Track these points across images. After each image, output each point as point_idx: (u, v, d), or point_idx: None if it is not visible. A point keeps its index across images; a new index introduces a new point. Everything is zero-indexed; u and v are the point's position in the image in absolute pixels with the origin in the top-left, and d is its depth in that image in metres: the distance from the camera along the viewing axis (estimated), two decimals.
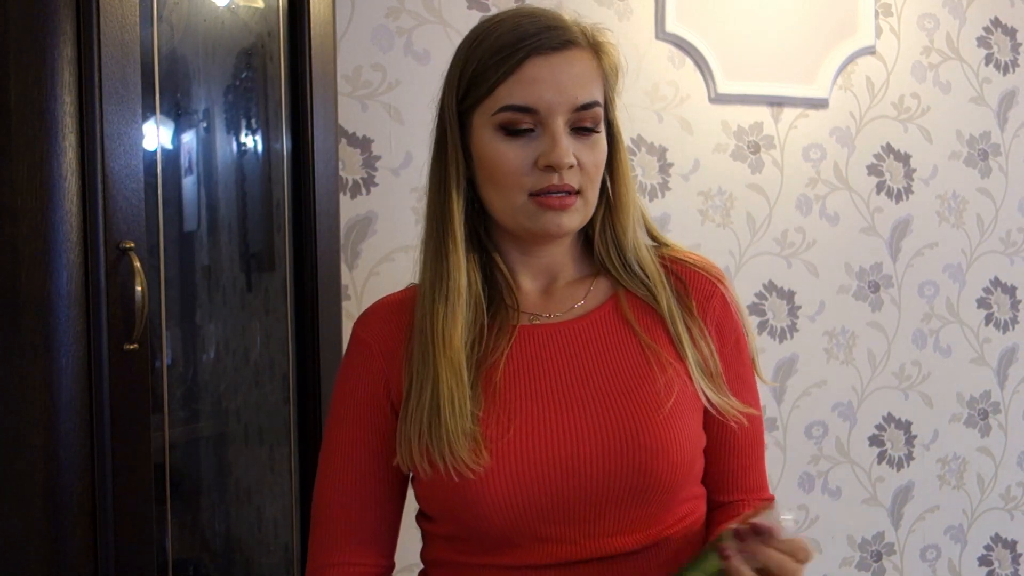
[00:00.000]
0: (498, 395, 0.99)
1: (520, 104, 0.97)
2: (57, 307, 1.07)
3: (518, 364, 1.01)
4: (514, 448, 0.95)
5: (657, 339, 1.03)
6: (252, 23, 1.47)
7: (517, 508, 0.95)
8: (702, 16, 2.07)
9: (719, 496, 1.10)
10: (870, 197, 2.24)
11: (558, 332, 1.04)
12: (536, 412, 0.98)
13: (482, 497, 0.94)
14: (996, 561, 2.41)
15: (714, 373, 1.04)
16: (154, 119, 1.29)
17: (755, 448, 1.10)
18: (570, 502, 0.96)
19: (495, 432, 0.96)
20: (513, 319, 1.04)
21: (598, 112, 1.00)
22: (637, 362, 1.02)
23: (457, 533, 1.00)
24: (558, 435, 0.97)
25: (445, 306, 1.00)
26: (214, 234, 1.48)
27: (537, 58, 0.97)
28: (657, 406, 0.98)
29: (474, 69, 1.00)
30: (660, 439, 0.97)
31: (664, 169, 2.06)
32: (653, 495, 0.97)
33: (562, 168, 0.97)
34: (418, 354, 1.00)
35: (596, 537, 0.97)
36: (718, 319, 1.07)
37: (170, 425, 1.30)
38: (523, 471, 0.95)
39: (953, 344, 2.34)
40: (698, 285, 1.07)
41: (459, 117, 1.02)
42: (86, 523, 1.09)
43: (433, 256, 1.03)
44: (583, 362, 1.02)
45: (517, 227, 1.02)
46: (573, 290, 1.08)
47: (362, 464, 1.04)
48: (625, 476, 0.96)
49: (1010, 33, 2.37)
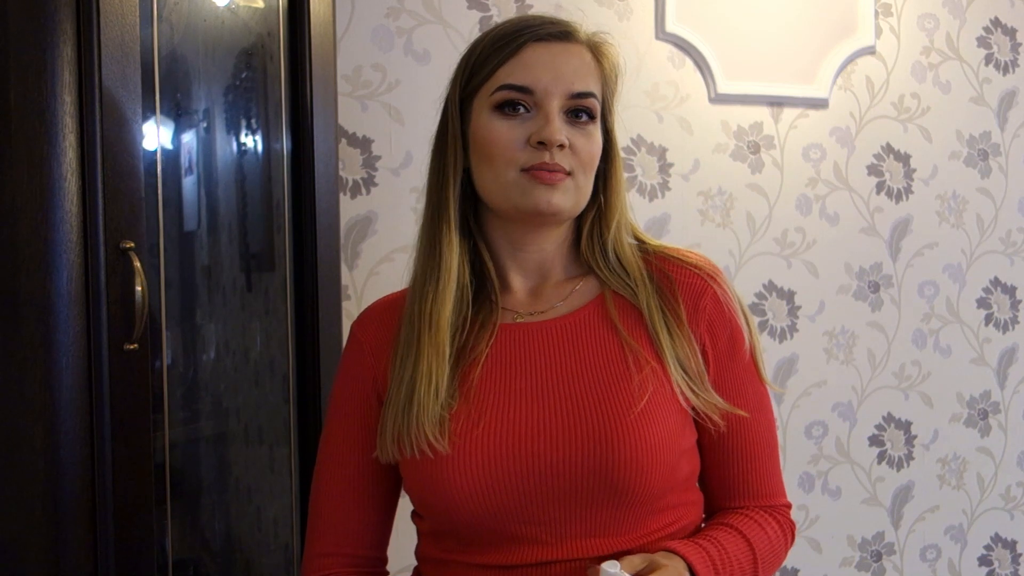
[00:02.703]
0: (472, 392, 1.00)
1: (517, 83, 1.00)
2: (57, 307, 1.07)
3: (496, 362, 1.02)
4: (480, 443, 0.97)
5: (639, 339, 1.03)
6: (252, 23, 1.47)
7: (483, 502, 0.96)
8: (702, 16, 2.07)
9: (723, 502, 1.08)
10: (870, 197, 2.24)
11: (539, 331, 1.04)
12: (506, 409, 0.99)
13: (448, 486, 0.96)
14: (996, 561, 2.41)
15: (694, 372, 1.02)
16: (154, 119, 1.29)
17: (759, 453, 1.07)
18: (538, 502, 0.96)
19: (465, 426, 0.98)
20: (495, 316, 1.05)
21: (594, 103, 1.02)
22: (615, 362, 1.01)
23: (439, 528, 1.02)
24: (525, 433, 0.97)
25: (436, 287, 1.02)
26: (214, 234, 1.48)
27: (537, 44, 1.01)
28: (629, 406, 0.97)
29: (476, 58, 1.03)
30: (629, 440, 0.95)
31: (664, 169, 2.06)
32: (625, 498, 0.96)
33: (553, 144, 0.98)
34: (404, 334, 1.03)
35: (569, 539, 0.97)
36: (709, 317, 1.05)
37: (170, 425, 1.30)
38: (488, 465, 0.96)
39: (953, 344, 2.34)
40: (687, 283, 1.06)
41: (460, 106, 1.04)
42: (86, 523, 1.09)
43: (427, 240, 1.05)
44: (561, 361, 1.02)
45: (509, 206, 1.01)
46: (560, 290, 1.08)
47: (354, 459, 1.07)
48: (591, 477, 0.95)
49: (1010, 33, 2.37)
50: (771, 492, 1.08)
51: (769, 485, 1.08)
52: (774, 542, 1.06)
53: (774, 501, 1.08)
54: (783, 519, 1.08)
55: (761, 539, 1.04)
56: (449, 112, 1.05)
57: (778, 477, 1.10)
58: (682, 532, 1.03)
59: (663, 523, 1.00)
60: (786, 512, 1.09)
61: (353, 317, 1.79)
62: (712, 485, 1.08)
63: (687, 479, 1.04)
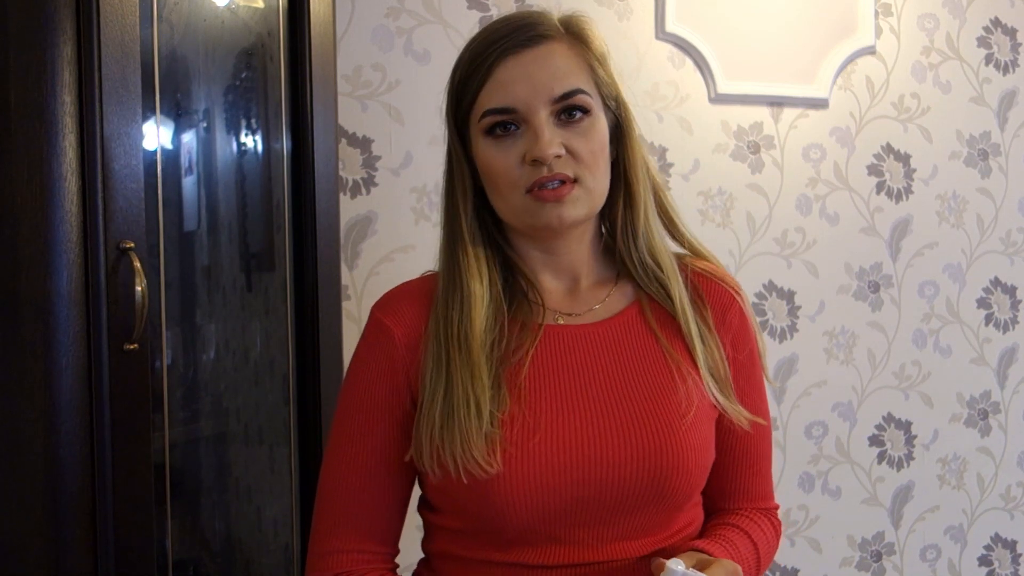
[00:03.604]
0: (523, 395, 0.98)
1: (498, 107, 0.98)
2: (57, 307, 1.07)
3: (543, 364, 1.01)
4: (540, 451, 0.95)
5: (677, 348, 1.04)
6: (252, 23, 1.47)
7: (536, 509, 0.95)
8: (702, 16, 2.07)
9: (720, 503, 1.11)
10: (870, 197, 2.24)
11: (583, 334, 1.04)
12: (562, 416, 0.98)
13: (502, 497, 0.94)
14: (996, 561, 2.41)
15: (723, 379, 1.04)
16: (154, 119, 1.29)
17: (761, 457, 1.11)
18: (587, 506, 0.96)
19: (521, 434, 0.96)
20: (538, 316, 1.03)
21: (583, 98, 0.99)
22: (660, 370, 1.02)
23: (466, 528, 1.00)
24: (582, 440, 0.97)
25: (460, 312, 0.99)
26: (214, 234, 1.48)
27: (507, 59, 0.98)
28: (679, 416, 0.99)
29: (458, 83, 1.02)
30: (681, 449, 0.97)
31: (664, 169, 2.06)
32: (665, 503, 0.98)
33: (547, 160, 0.97)
34: (432, 359, 1.00)
35: (605, 541, 0.98)
36: (735, 331, 1.08)
37: (170, 425, 1.30)
38: (546, 474, 0.95)
39: (953, 344, 2.34)
40: (716, 296, 1.08)
41: (458, 131, 1.03)
42: (86, 523, 1.09)
43: (446, 264, 1.03)
44: (608, 366, 1.02)
45: (523, 226, 1.02)
46: (596, 292, 1.08)
47: (376, 453, 1.02)
48: (643, 484, 0.96)
49: (1010, 33, 2.37)
50: (766, 495, 1.13)
51: (764, 489, 1.13)
52: (771, 543, 1.11)
53: (767, 504, 1.13)
54: (776, 521, 1.14)
55: (763, 540, 1.09)
56: (450, 138, 1.05)
57: (771, 480, 1.15)
58: (695, 532, 1.06)
59: (685, 522, 1.04)
60: (776, 514, 1.14)
61: (353, 317, 1.80)
62: (713, 486, 1.09)
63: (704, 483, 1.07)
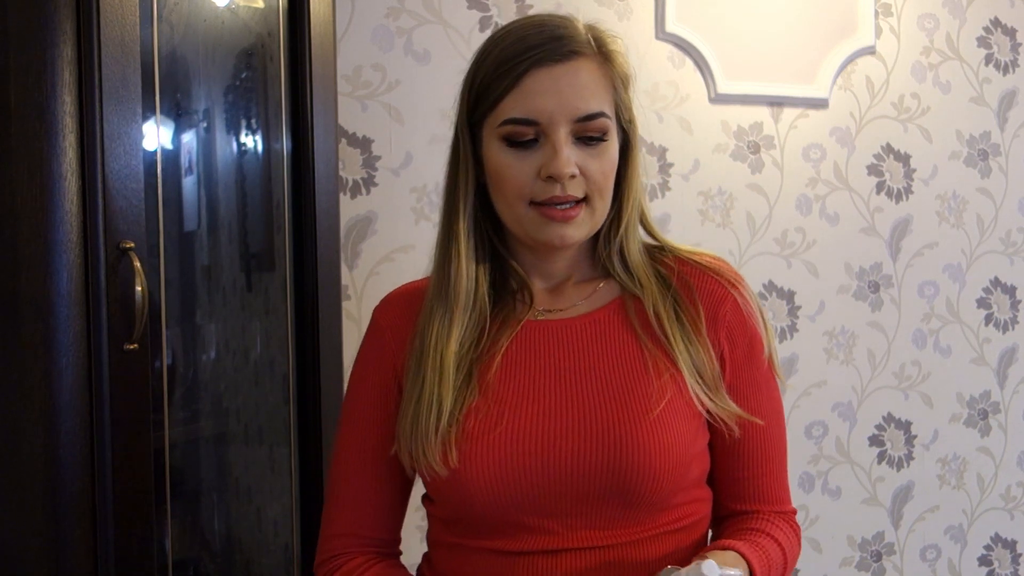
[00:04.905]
0: (491, 388, 1.01)
1: (521, 117, 0.97)
2: (57, 307, 1.07)
3: (516, 357, 1.03)
4: (500, 442, 0.98)
5: (657, 344, 1.03)
6: (252, 23, 1.47)
7: (498, 499, 0.97)
8: (702, 16, 2.06)
9: (733, 504, 1.09)
10: (870, 197, 2.24)
11: (561, 328, 1.05)
12: (524, 407, 1.00)
13: (461, 491, 0.98)
14: (996, 561, 2.41)
15: (710, 378, 1.03)
16: (154, 119, 1.29)
17: (769, 458, 1.08)
18: (550, 496, 0.98)
19: (483, 426, 0.99)
20: (522, 313, 1.05)
21: (604, 123, 0.99)
22: (634, 364, 1.02)
23: (451, 516, 1.04)
24: (542, 431, 0.98)
25: (444, 309, 1.03)
26: (214, 234, 1.48)
27: (539, 70, 0.97)
28: (645, 410, 0.98)
29: (480, 82, 1.01)
30: (643, 443, 0.97)
31: (664, 169, 2.06)
32: (635, 498, 0.98)
33: (563, 178, 0.97)
34: (413, 359, 1.04)
35: (578, 530, 0.99)
36: (729, 325, 1.06)
37: (170, 425, 1.30)
38: (505, 465, 0.97)
39: (953, 344, 2.34)
40: (708, 290, 1.06)
41: (470, 129, 1.03)
42: (86, 523, 1.09)
43: (440, 261, 1.06)
44: (580, 358, 1.03)
45: (524, 236, 1.03)
46: (581, 289, 1.09)
47: (371, 443, 1.08)
48: (602, 477, 0.97)
49: (1010, 33, 2.37)
50: (781, 498, 1.10)
51: (779, 492, 1.10)
52: (795, 549, 1.08)
53: (784, 507, 1.10)
54: (796, 526, 1.11)
55: (788, 546, 1.07)
56: (459, 134, 1.04)
57: (787, 484, 1.11)
58: (692, 527, 1.05)
59: (672, 519, 1.02)
60: (794, 518, 1.11)
61: (353, 317, 1.80)
62: (722, 486, 1.09)
63: (698, 479, 1.06)
